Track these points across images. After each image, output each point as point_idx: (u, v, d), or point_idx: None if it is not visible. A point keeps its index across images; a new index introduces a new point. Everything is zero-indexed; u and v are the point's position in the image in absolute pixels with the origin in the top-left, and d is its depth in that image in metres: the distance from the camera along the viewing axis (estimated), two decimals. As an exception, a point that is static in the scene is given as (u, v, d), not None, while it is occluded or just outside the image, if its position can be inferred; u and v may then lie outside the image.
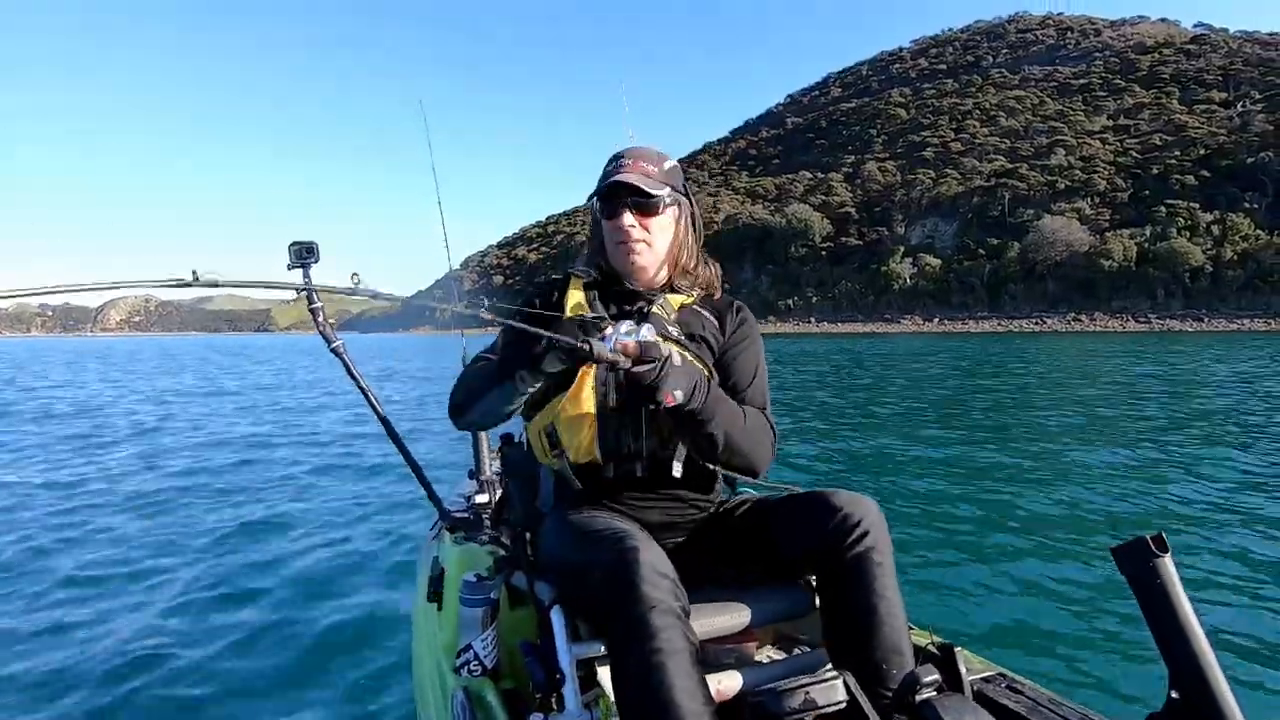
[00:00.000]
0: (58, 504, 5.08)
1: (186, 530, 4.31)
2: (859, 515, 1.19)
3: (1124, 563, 0.97)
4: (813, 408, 11.03)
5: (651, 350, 1.11)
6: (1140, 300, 73.38)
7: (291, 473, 6.25)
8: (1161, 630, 0.94)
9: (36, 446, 7.82)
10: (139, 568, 3.66)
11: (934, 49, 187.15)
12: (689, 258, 1.48)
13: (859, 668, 1.13)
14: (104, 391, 15.45)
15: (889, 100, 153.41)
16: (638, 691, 1.00)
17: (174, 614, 3.04)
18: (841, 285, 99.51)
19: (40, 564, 3.74)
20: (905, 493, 5.46)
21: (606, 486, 1.36)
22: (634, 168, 1.38)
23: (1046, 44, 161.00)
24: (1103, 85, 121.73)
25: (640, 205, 1.38)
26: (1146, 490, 5.32)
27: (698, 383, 1.19)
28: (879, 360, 23.64)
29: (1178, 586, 0.93)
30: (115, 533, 4.29)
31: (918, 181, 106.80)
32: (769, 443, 1.37)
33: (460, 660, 1.35)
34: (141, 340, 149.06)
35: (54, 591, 3.35)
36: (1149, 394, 11.89)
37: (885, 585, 1.17)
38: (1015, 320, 76.92)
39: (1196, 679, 0.90)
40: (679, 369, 1.15)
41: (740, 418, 1.30)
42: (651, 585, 1.03)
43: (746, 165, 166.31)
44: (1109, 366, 18.66)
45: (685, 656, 1.01)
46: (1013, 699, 1.21)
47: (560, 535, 1.30)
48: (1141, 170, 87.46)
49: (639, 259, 1.41)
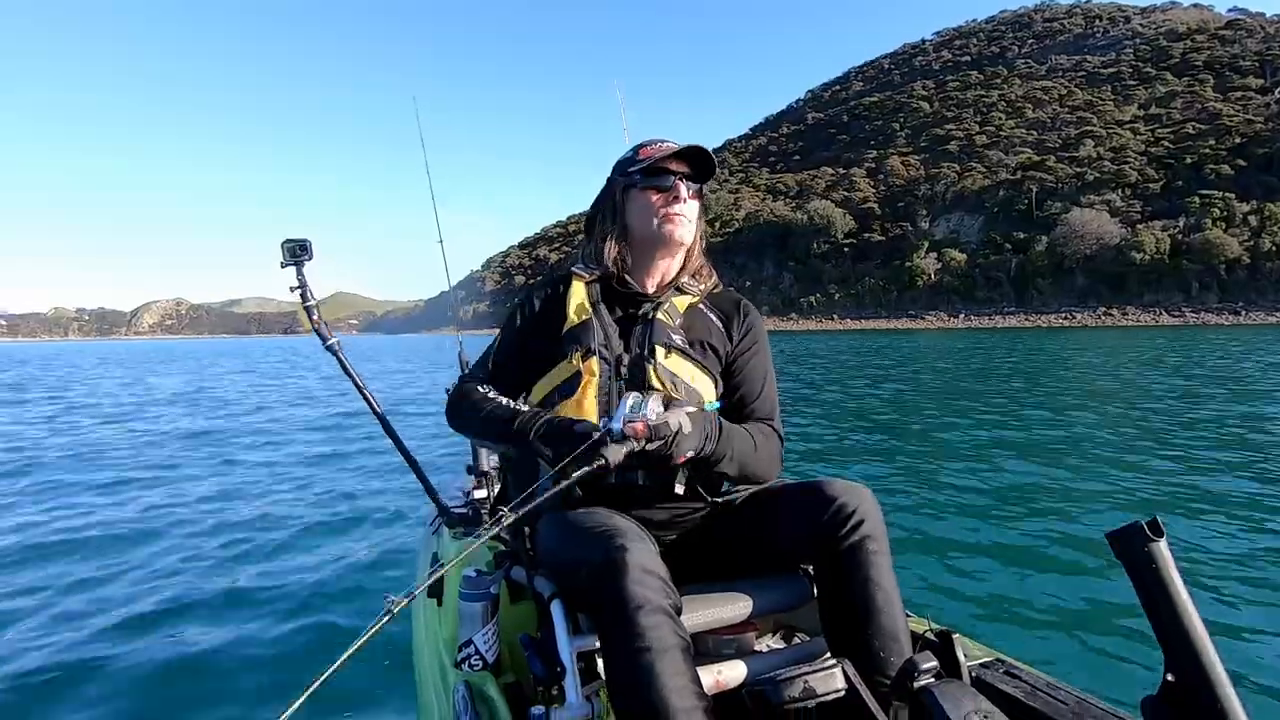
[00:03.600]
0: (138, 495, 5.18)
1: (182, 527, 4.29)
2: (854, 504, 1.20)
3: (1119, 547, 0.98)
4: (820, 399, 11.03)
5: (661, 430, 1.13)
6: (1173, 294, 71.57)
7: (290, 469, 6.22)
8: (1157, 614, 0.94)
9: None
10: (132, 561, 3.67)
11: (958, 40, 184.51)
12: (699, 255, 1.48)
13: (857, 655, 1.14)
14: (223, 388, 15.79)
15: (912, 93, 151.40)
16: (629, 690, 1.01)
17: (170, 609, 3.03)
18: (864, 281, 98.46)
19: (60, 556, 3.78)
20: (901, 480, 5.50)
21: (609, 492, 1.35)
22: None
23: (1074, 33, 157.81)
24: (1133, 74, 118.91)
25: (693, 178, 1.41)
26: (1148, 477, 5.32)
27: (708, 435, 1.22)
28: (896, 355, 23.35)
29: (1173, 571, 0.94)
30: (111, 532, 4.26)
31: (942, 175, 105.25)
32: (777, 455, 1.39)
33: (461, 655, 1.36)
34: (195, 343, 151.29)
35: (57, 584, 3.36)
36: (1158, 385, 11.73)
37: (882, 573, 1.17)
38: (1043, 315, 75.46)
39: (1192, 662, 0.91)
40: (689, 435, 1.17)
41: (751, 444, 1.31)
42: (639, 584, 1.03)
43: (767, 162, 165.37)
44: (1128, 358, 18.24)
45: (676, 654, 1.01)
46: (1011, 684, 1.22)
47: (555, 530, 1.31)
48: (1174, 160, 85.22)
49: (683, 231, 1.41)
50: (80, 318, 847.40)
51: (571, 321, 1.38)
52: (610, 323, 1.40)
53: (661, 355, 1.35)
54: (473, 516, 1.96)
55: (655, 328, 1.37)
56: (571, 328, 1.38)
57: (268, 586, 3.31)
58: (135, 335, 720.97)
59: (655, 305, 1.41)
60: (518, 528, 1.52)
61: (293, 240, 1.82)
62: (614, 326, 1.39)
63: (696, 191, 1.43)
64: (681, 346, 1.37)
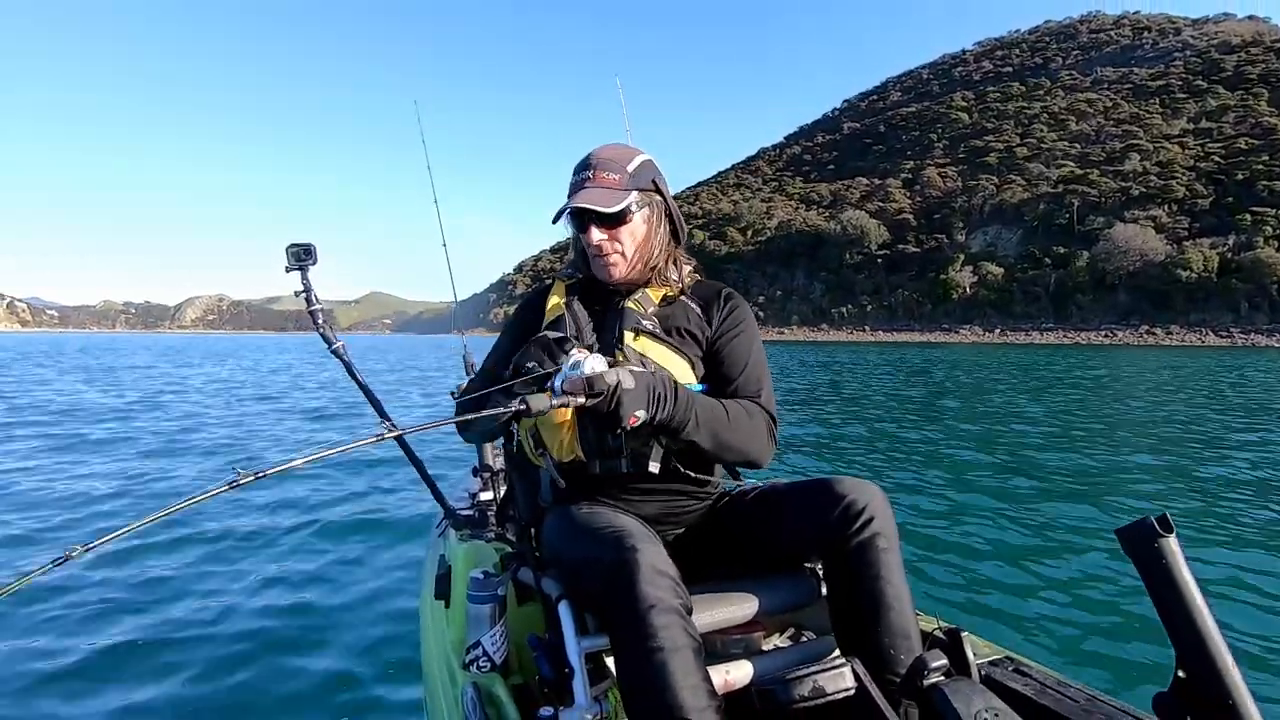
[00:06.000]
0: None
1: (183, 529, 4.18)
2: (864, 502, 1.19)
3: (1128, 544, 0.97)
4: (832, 402, 10.95)
5: (597, 384, 1.11)
6: (1221, 313, 69.25)
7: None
8: (1167, 610, 0.93)
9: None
10: (136, 565, 3.58)
11: (999, 51, 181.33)
12: (660, 255, 1.43)
13: (867, 654, 1.13)
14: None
15: (951, 104, 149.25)
16: (641, 691, 1.01)
17: (178, 613, 3.00)
18: (898, 293, 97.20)
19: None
20: (910, 479, 5.47)
21: (595, 482, 1.35)
22: (596, 181, 1.35)
23: (1121, 44, 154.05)
24: (1183, 86, 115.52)
25: (605, 219, 1.36)
26: (1157, 478, 5.29)
27: (660, 395, 1.18)
28: (925, 366, 22.95)
29: (1183, 567, 0.93)
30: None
31: (980, 187, 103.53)
32: (763, 431, 1.34)
33: (469, 656, 1.36)
34: (241, 339, 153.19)
35: (63, 582, 3.29)
36: (1182, 399, 11.31)
37: (891, 571, 1.16)
38: (1083, 332, 73.67)
39: (1203, 658, 0.90)
40: (633, 390, 1.13)
41: (722, 413, 1.28)
42: (651, 584, 1.04)
43: (801, 171, 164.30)
44: (1163, 377, 17.66)
45: (688, 654, 1.01)
46: (1020, 682, 1.21)
47: (562, 531, 1.30)
48: (1225, 176, 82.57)
49: (615, 270, 1.40)
50: (127, 310, 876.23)
51: (547, 319, 1.43)
52: (584, 316, 1.42)
53: (630, 339, 1.35)
54: (479, 518, 1.95)
55: (625, 315, 1.38)
56: (547, 325, 1.41)
57: (274, 586, 3.28)
58: (179, 329, 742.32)
59: (625, 295, 1.43)
60: (524, 528, 1.51)
61: (297, 245, 1.81)
62: (588, 320, 1.41)
63: (621, 219, 1.37)
64: (651, 330, 1.37)
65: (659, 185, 1.42)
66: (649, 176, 1.40)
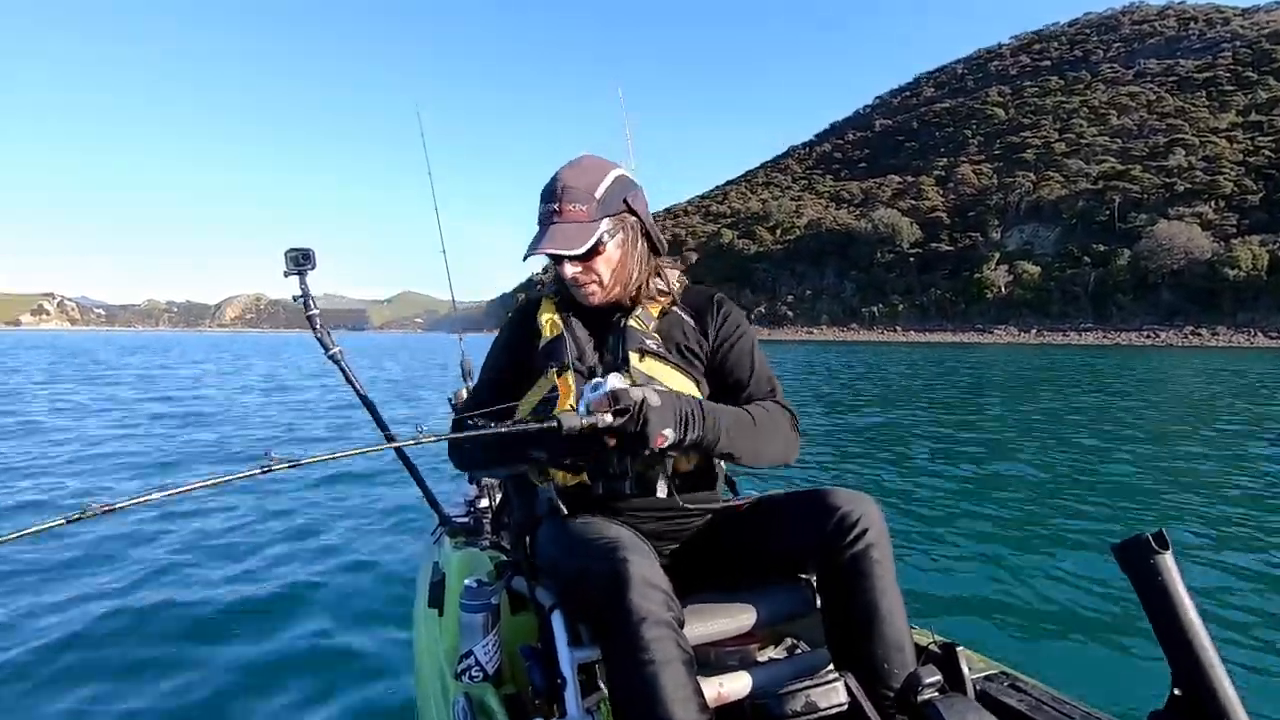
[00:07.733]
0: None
1: (178, 535, 4.16)
2: (858, 514, 1.18)
3: (1124, 560, 0.97)
4: (835, 409, 10.89)
5: (622, 399, 1.09)
6: (1271, 314, 66.62)
7: (290, 476, 5.63)
8: (1163, 627, 0.93)
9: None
10: (134, 569, 3.55)
11: (1037, 44, 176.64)
12: (641, 275, 1.39)
13: (861, 667, 1.13)
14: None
15: (986, 99, 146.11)
16: (632, 703, 1.01)
17: (170, 620, 2.95)
18: (930, 293, 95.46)
19: (82, 551, 3.74)
20: (905, 492, 5.42)
21: (597, 502, 1.34)
22: (564, 215, 1.28)
23: (1165, 35, 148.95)
24: (1231, 78, 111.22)
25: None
26: (1157, 490, 5.16)
27: (688, 412, 1.16)
28: (957, 364, 22.50)
29: (1179, 583, 0.92)
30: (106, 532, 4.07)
31: (1016, 184, 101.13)
32: (789, 428, 1.34)
33: (462, 666, 1.36)
34: (287, 336, 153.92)
35: (59, 580, 3.33)
36: (1222, 404, 10.91)
37: (886, 584, 1.15)
38: (1123, 332, 71.44)
39: (1199, 675, 0.90)
40: (659, 408, 1.11)
41: (748, 420, 1.27)
42: (643, 597, 1.03)
43: (831, 169, 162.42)
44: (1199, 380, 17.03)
45: (679, 667, 1.01)
46: (1016, 698, 1.20)
47: (556, 540, 1.29)
48: (1276, 170, 79.43)
49: (594, 298, 1.37)
50: (170, 309, 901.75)
51: (545, 338, 1.39)
52: (584, 335, 1.38)
53: (636, 360, 1.33)
54: (474, 526, 1.97)
55: (628, 334, 1.35)
56: (546, 344, 1.38)
57: (268, 594, 3.24)
58: (219, 327, 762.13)
59: (626, 313, 1.39)
60: (519, 537, 1.52)
61: (296, 249, 1.81)
62: (589, 339, 1.38)
63: (586, 258, 1.32)
64: (656, 350, 1.35)
65: (631, 204, 1.35)
66: (620, 197, 1.33)
